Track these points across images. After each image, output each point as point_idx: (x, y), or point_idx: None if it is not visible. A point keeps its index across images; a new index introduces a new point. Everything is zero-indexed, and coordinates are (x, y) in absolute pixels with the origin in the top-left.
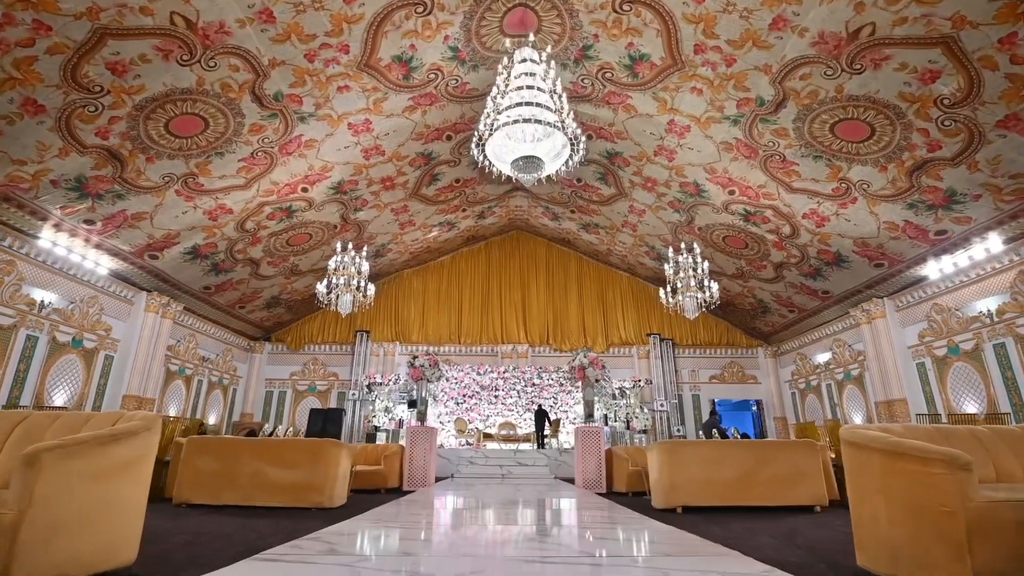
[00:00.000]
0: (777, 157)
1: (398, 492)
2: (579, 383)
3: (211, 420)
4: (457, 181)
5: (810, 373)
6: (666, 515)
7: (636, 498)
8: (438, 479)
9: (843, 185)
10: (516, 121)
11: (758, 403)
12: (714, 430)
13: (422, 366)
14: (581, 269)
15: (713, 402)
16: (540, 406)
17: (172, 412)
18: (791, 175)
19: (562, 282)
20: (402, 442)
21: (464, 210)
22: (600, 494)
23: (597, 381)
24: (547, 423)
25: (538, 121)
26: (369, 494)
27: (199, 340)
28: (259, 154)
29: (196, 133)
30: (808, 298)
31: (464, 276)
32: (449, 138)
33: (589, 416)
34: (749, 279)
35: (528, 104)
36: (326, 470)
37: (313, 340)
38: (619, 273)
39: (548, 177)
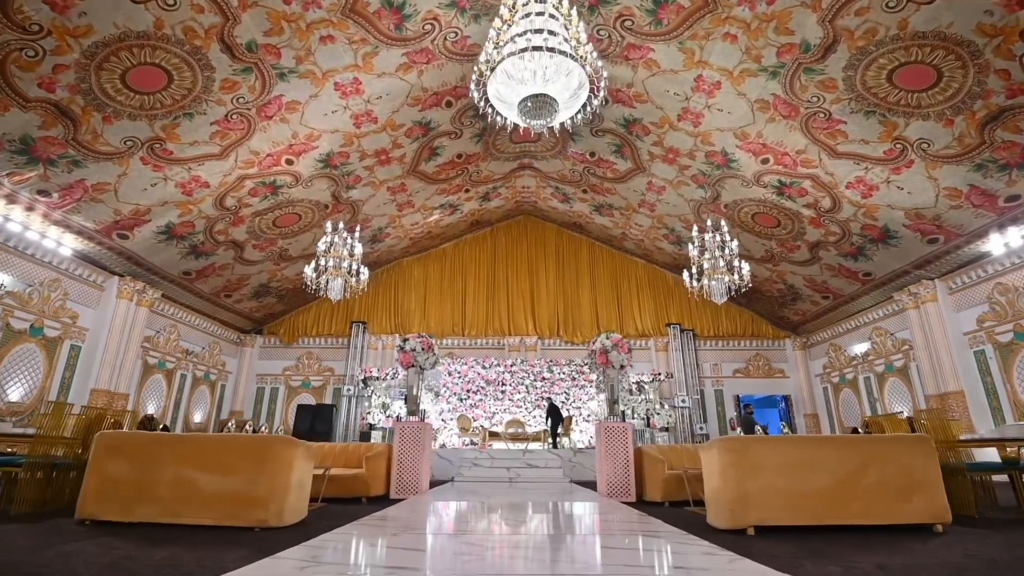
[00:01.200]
0: (821, 115)
1: (384, 501)
2: (600, 370)
3: (197, 418)
4: (459, 157)
5: (845, 365)
6: (735, 539)
7: (675, 509)
8: (437, 483)
9: (897, 146)
10: (524, 50)
11: (786, 399)
12: (756, 427)
13: (413, 350)
14: (593, 256)
15: (738, 398)
16: (551, 400)
17: (151, 409)
18: (836, 136)
19: (573, 270)
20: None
21: (467, 191)
22: (628, 503)
23: (622, 368)
24: (560, 420)
25: (551, 50)
26: (346, 504)
27: (181, 331)
28: (234, 117)
29: (159, 89)
30: (846, 281)
31: (468, 264)
32: (449, 104)
33: (613, 409)
34: (779, 262)
35: (538, 32)
36: (273, 477)
37: (307, 333)
38: (634, 260)
39: (559, 148)
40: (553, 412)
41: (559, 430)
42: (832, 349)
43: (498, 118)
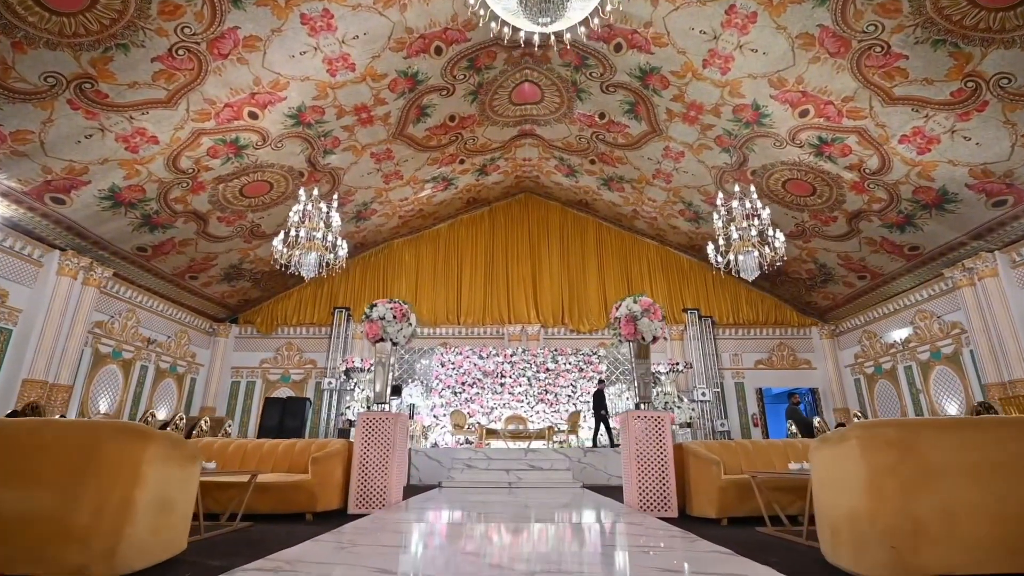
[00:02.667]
0: (877, 49)
1: (338, 518)
2: (625, 342)
3: (161, 415)
4: (452, 119)
5: (881, 354)
6: None
7: (743, 531)
8: (420, 489)
9: (969, 84)
10: None
11: (813, 392)
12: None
13: (382, 318)
14: (601, 237)
15: (760, 391)
16: (601, 381)
17: (103, 405)
18: (893, 76)
19: (579, 253)
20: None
21: (462, 161)
22: (668, 519)
23: (655, 340)
24: (605, 413)
25: None
26: (282, 523)
27: (141, 317)
28: (180, 52)
29: (80, 8)
30: (888, 258)
31: (464, 247)
32: (439, 52)
33: (645, 394)
34: (812, 237)
35: None
36: (102, 492)
37: (287, 322)
38: (646, 241)
39: (564, 109)
40: (600, 401)
41: (614, 425)
42: (866, 336)
43: (494, 26)
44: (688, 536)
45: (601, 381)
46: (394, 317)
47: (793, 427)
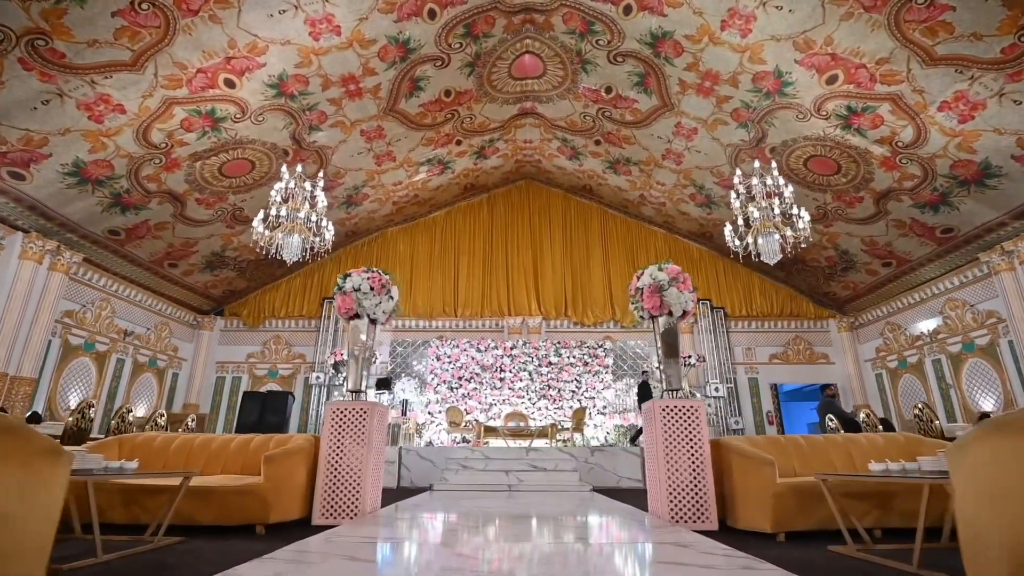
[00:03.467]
0: (919, 1)
1: (298, 530)
2: (649, 318)
3: (140, 411)
4: (447, 95)
5: (906, 347)
6: None
7: (813, 551)
8: (411, 492)
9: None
10: None
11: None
12: (828, 416)
13: (356, 290)
14: (606, 225)
15: (775, 387)
16: (645, 372)
17: (73, 400)
18: (936, 32)
19: (582, 242)
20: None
21: (459, 142)
22: (708, 533)
23: (684, 316)
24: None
25: None
26: (226, 538)
27: (117, 307)
28: (144, 7)
29: None
30: (918, 242)
31: (462, 235)
32: (433, 15)
33: (672, 381)
34: (834, 221)
35: None
36: None
37: (275, 314)
38: (653, 229)
39: (567, 83)
40: (645, 392)
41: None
42: (889, 328)
43: None
44: (748, 560)
45: (645, 372)
46: (371, 288)
47: (832, 422)
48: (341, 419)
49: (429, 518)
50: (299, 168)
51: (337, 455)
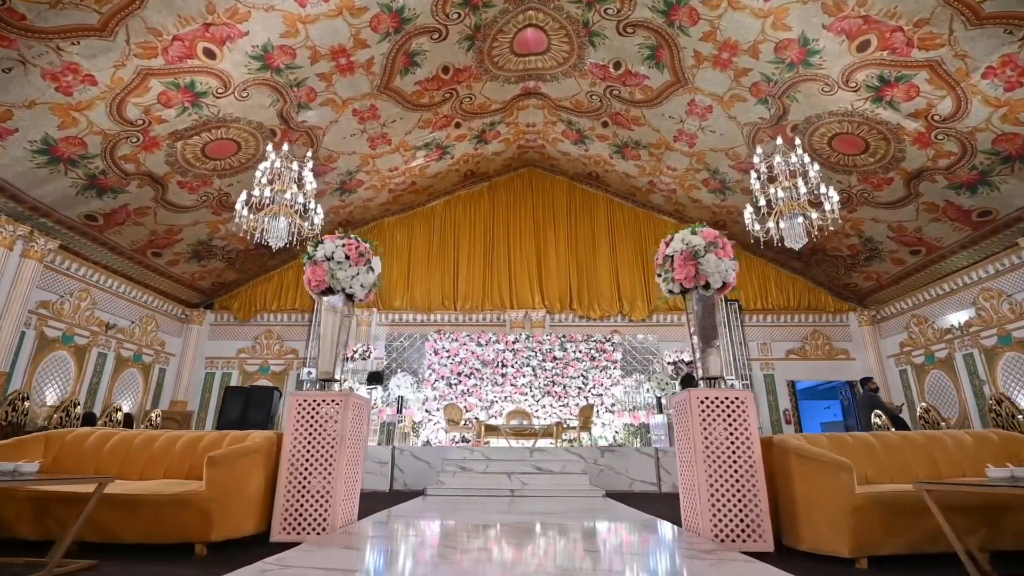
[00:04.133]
0: None
1: (250, 550)
2: (679, 291)
3: (125, 408)
4: (445, 71)
5: (934, 341)
6: None
7: None
8: (403, 496)
9: None
10: None
11: (850, 385)
12: (874, 413)
13: (328, 259)
14: (613, 215)
15: (792, 384)
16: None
17: (50, 396)
18: None
19: (588, 232)
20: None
21: (458, 124)
22: (761, 556)
23: (723, 288)
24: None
25: None
26: (155, 561)
27: (98, 298)
28: None
29: None
30: (951, 226)
31: (462, 226)
32: None
33: (710, 365)
34: (859, 205)
35: None
36: None
37: (267, 308)
38: (663, 219)
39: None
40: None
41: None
42: (914, 322)
43: None
44: None
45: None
46: (346, 257)
47: (879, 418)
48: (308, 413)
49: (416, 533)
50: (285, 147)
51: (302, 456)
